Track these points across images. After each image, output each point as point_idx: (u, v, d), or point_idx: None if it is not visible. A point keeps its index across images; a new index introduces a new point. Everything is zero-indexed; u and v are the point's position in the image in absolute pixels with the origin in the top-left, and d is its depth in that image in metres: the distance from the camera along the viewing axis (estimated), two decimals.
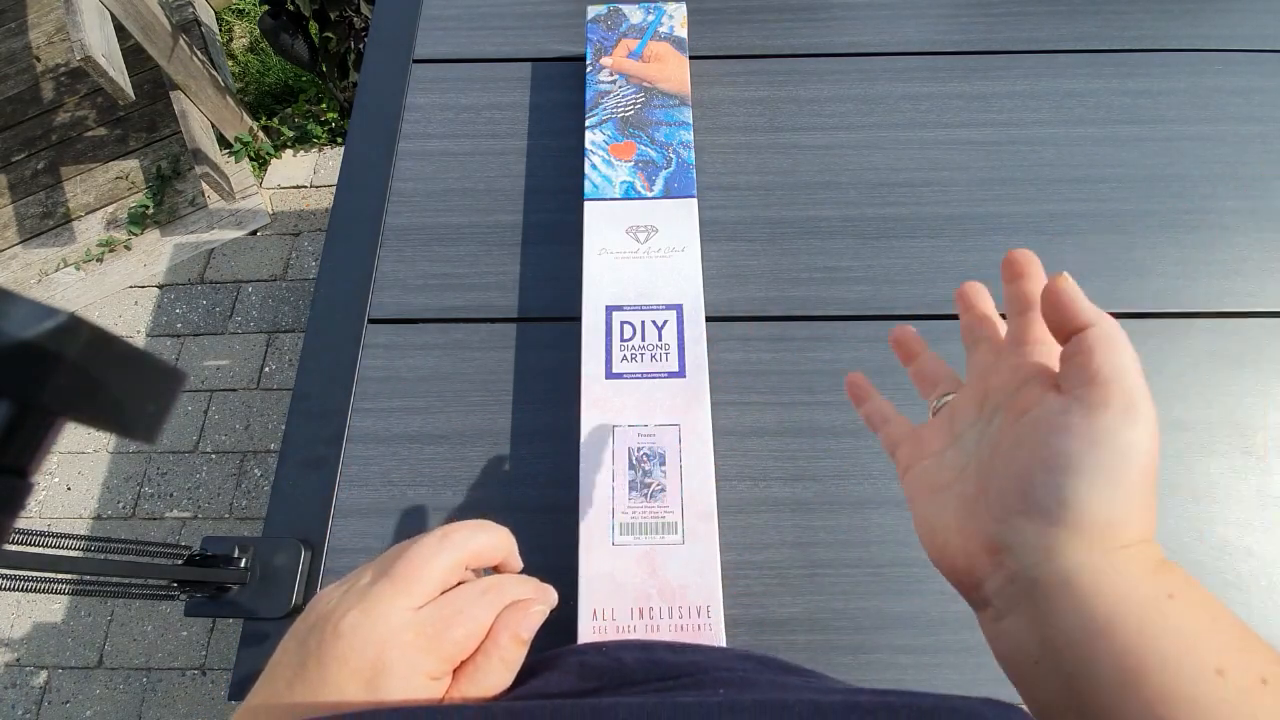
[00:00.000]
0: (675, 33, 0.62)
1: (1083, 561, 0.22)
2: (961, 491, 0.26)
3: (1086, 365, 0.23)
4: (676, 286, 0.52)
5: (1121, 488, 0.22)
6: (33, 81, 1.96)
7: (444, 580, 0.27)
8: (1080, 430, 0.22)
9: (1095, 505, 0.22)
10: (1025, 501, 0.22)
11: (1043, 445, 0.23)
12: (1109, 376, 0.23)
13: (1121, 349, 0.24)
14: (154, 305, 1.63)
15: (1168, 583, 0.22)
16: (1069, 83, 0.64)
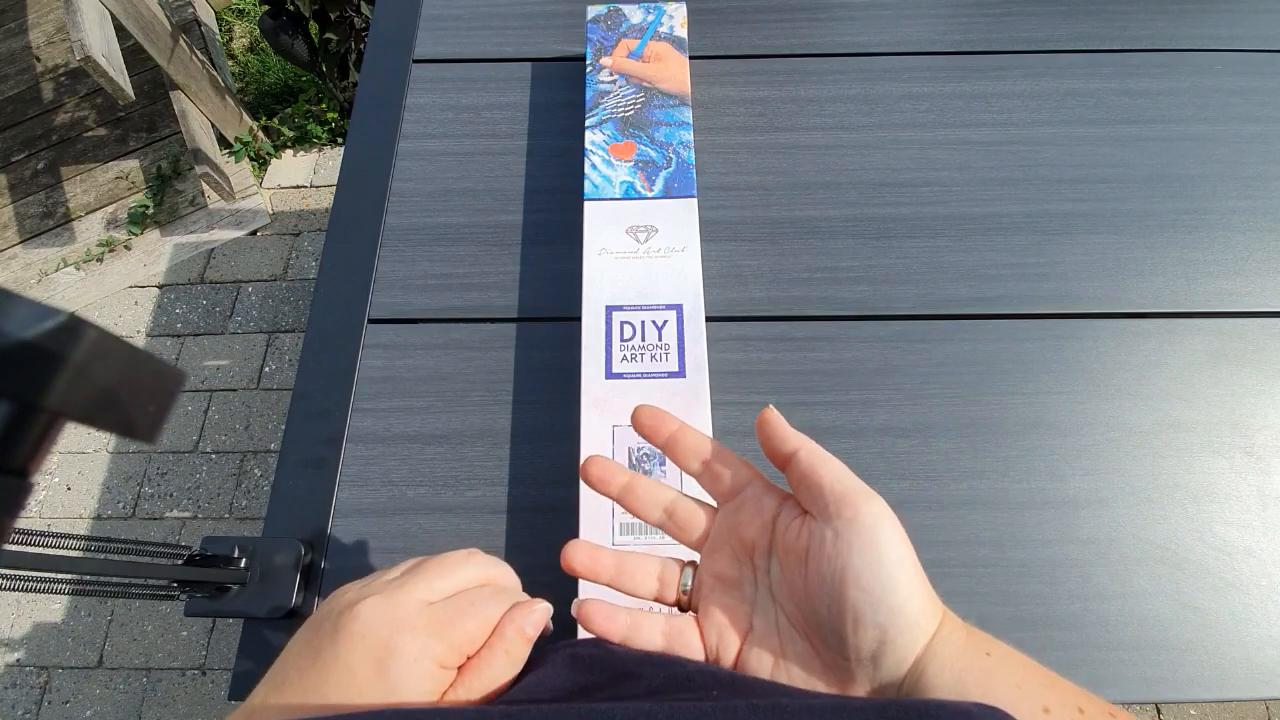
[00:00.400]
0: (675, 33, 0.62)
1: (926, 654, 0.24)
2: (797, 652, 0.26)
3: (821, 486, 0.26)
4: (676, 286, 0.52)
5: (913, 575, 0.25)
6: (33, 81, 1.96)
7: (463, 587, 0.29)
8: (862, 543, 0.24)
9: (911, 598, 0.24)
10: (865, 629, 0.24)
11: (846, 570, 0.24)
12: (842, 489, 0.25)
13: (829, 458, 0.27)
14: (154, 305, 1.63)
15: (981, 643, 0.25)
16: (1069, 83, 0.64)
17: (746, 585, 0.28)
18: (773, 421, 0.28)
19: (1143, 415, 0.52)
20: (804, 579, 0.26)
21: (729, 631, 0.28)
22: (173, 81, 1.61)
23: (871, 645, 0.24)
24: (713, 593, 0.28)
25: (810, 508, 0.26)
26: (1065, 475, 0.50)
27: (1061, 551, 0.48)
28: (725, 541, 0.29)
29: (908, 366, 0.53)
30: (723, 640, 0.28)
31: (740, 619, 0.28)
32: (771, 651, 0.27)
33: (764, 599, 0.28)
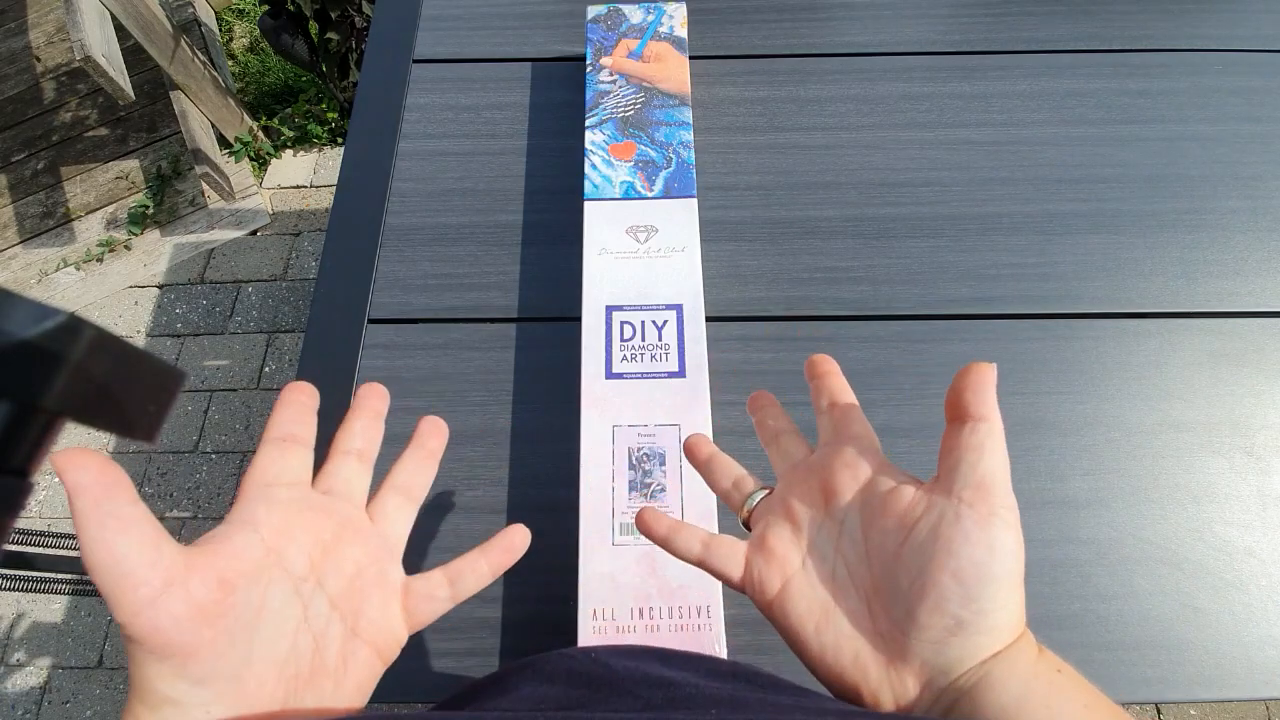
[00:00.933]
0: (675, 33, 0.62)
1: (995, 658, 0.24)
2: (850, 610, 0.26)
3: (976, 467, 0.24)
4: (676, 286, 0.52)
5: (1017, 589, 0.24)
6: (33, 81, 1.96)
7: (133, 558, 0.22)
8: (980, 539, 0.23)
9: (1005, 610, 0.24)
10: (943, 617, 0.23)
11: (950, 557, 0.23)
12: (994, 482, 0.24)
13: (1002, 450, 0.25)
14: (154, 305, 1.63)
15: (1051, 660, 0.24)
16: (1069, 83, 0.64)
17: (811, 529, 0.28)
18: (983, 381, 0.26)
19: (1143, 415, 0.52)
20: (898, 545, 0.25)
21: (777, 566, 0.27)
22: (173, 81, 1.61)
23: (941, 632, 0.23)
24: (775, 524, 0.28)
25: (946, 479, 0.25)
26: (1065, 475, 0.50)
27: (1061, 551, 0.48)
28: (808, 481, 0.28)
29: (908, 366, 0.53)
30: (767, 572, 0.27)
31: (793, 558, 0.27)
32: (818, 601, 0.26)
33: (826, 547, 0.27)
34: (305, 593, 0.25)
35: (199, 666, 0.21)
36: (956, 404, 0.26)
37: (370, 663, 0.26)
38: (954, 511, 0.24)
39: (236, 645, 0.22)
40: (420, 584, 0.28)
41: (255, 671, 0.23)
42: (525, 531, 0.30)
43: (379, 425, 0.33)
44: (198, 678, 0.21)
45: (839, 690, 0.26)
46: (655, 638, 0.41)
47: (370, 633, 0.26)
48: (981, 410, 0.25)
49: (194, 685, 0.21)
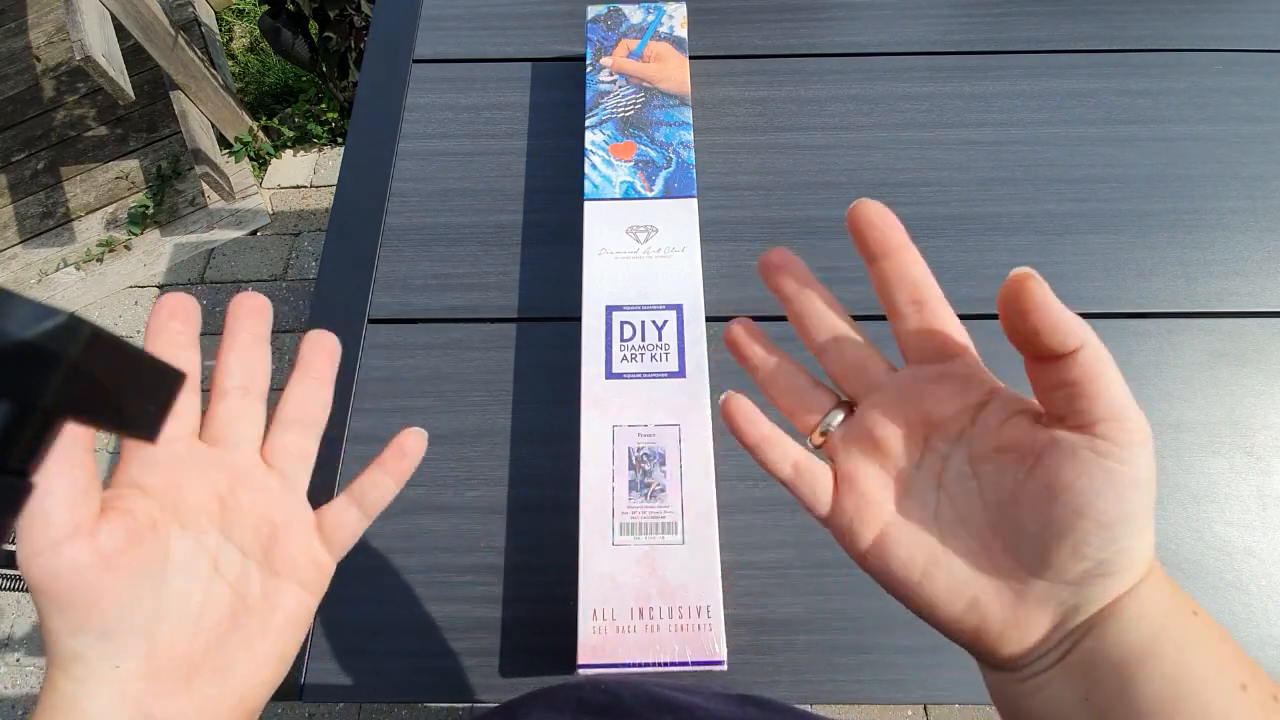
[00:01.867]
0: (675, 33, 0.62)
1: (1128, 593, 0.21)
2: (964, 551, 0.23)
3: (1099, 398, 0.20)
4: (676, 286, 0.52)
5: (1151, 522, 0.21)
6: (33, 81, 1.96)
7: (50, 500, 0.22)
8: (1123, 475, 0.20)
9: (1143, 547, 0.21)
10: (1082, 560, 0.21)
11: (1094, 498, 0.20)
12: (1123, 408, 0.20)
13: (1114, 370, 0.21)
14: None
15: (1187, 601, 0.22)
16: (1069, 83, 0.64)
17: (906, 462, 0.24)
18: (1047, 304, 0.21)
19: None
20: (1017, 484, 0.22)
21: (871, 512, 0.24)
22: (173, 81, 1.61)
23: (1079, 575, 0.21)
24: (863, 462, 0.25)
25: (1068, 414, 0.21)
26: None
27: None
28: (901, 408, 0.24)
29: None
30: (861, 514, 0.24)
31: (888, 497, 0.24)
32: (922, 547, 0.23)
33: (925, 484, 0.24)
34: (211, 545, 0.24)
35: (101, 618, 0.21)
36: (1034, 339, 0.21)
37: (298, 596, 0.26)
38: (1092, 448, 0.21)
39: (142, 599, 0.22)
40: (329, 513, 0.27)
41: (167, 628, 0.22)
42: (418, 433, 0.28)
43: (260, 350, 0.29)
44: (101, 630, 0.21)
45: (955, 635, 0.23)
46: (655, 638, 0.41)
47: (290, 569, 0.26)
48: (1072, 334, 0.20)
49: (98, 639, 0.21)
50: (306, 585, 0.26)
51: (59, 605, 0.21)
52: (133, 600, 0.22)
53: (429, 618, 0.47)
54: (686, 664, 0.41)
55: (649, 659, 0.41)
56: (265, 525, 0.26)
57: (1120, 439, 0.20)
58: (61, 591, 0.20)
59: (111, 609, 0.21)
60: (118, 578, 0.21)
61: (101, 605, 0.21)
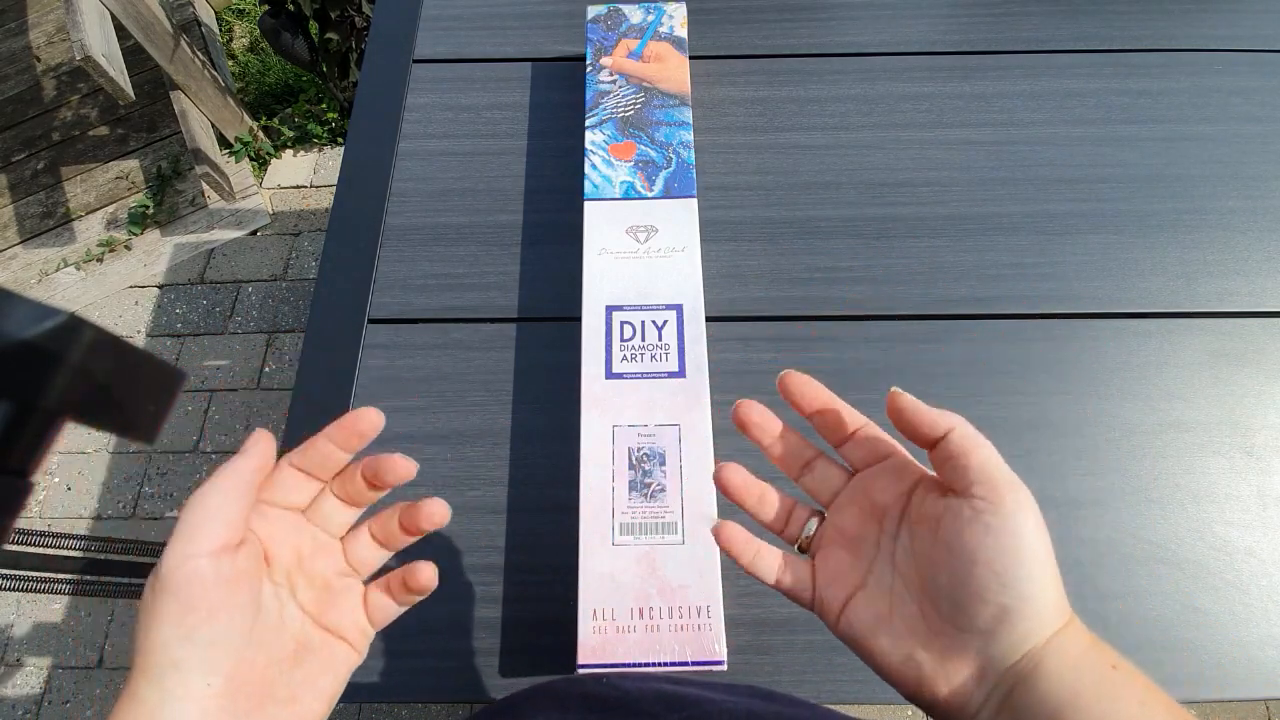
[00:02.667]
0: (675, 33, 0.62)
1: (1045, 646, 0.24)
2: (905, 614, 0.27)
3: (969, 468, 0.26)
4: (676, 286, 0.52)
5: (1049, 570, 0.25)
6: (33, 81, 1.96)
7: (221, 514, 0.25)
8: (1000, 528, 0.24)
9: (1044, 590, 0.25)
10: (987, 606, 0.24)
11: (980, 549, 0.24)
12: (991, 474, 0.25)
13: (982, 442, 0.26)
14: (154, 305, 1.63)
15: (1107, 654, 0.25)
16: (1069, 83, 0.64)
17: (868, 545, 0.29)
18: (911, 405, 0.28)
19: (1143, 415, 0.52)
20: (931, 547, 0.26)
21: (839, 583, 0.29)
22: (173, 81, 1.61)
23: (989, 620, 0.24)
24: (833, 545, 0.30)
25: (953, 485, 0.26)
26: (1065, 475, 0.50)
27: (1061, 551, 0.48)
28: (856, 501, 0.30)
29: (908, 366, 0.53)
30: (831, 590, 0.29)
31: (853, 574, 0.29)
32: (877, 611, 0.27)
33: (883, 562, 0.28)
34: (282, 597, 0.28)
35: (212, 629, 0.23)
36: (915, 434, 0.27)
37: (345, 654, 0.29)
38: (970, 508, 0.25)
39: (246, 621, 0.25)
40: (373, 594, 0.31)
41: (249, 654, 0.25)
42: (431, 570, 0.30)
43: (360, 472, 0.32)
44: (209, 639, 0.23)
45: (901, 686, 0.27)
46: (655, 638, 0.41)
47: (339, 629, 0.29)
48: (938, 424, 0.27)
49: (203, 649, 0.23)
50: (352, 645, 0.29)
51: (187, 608, 0.23)
52: (241, 619, 0.25)
53: (429, 618, 0.47)
54: (686, 664, 0.41)
55: (649, 659, 0.41)
56: (326, 592, 0.29)
57: (992, 499, 0.25)
58: (196, 595, 0.23)
59: (223, 622, 0.24)
60: (237, 596, 0.24)
61: (218, 617, 0.24)
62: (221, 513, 0.25)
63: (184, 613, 0.23)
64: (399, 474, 0.30)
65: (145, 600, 0.24)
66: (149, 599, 0.24)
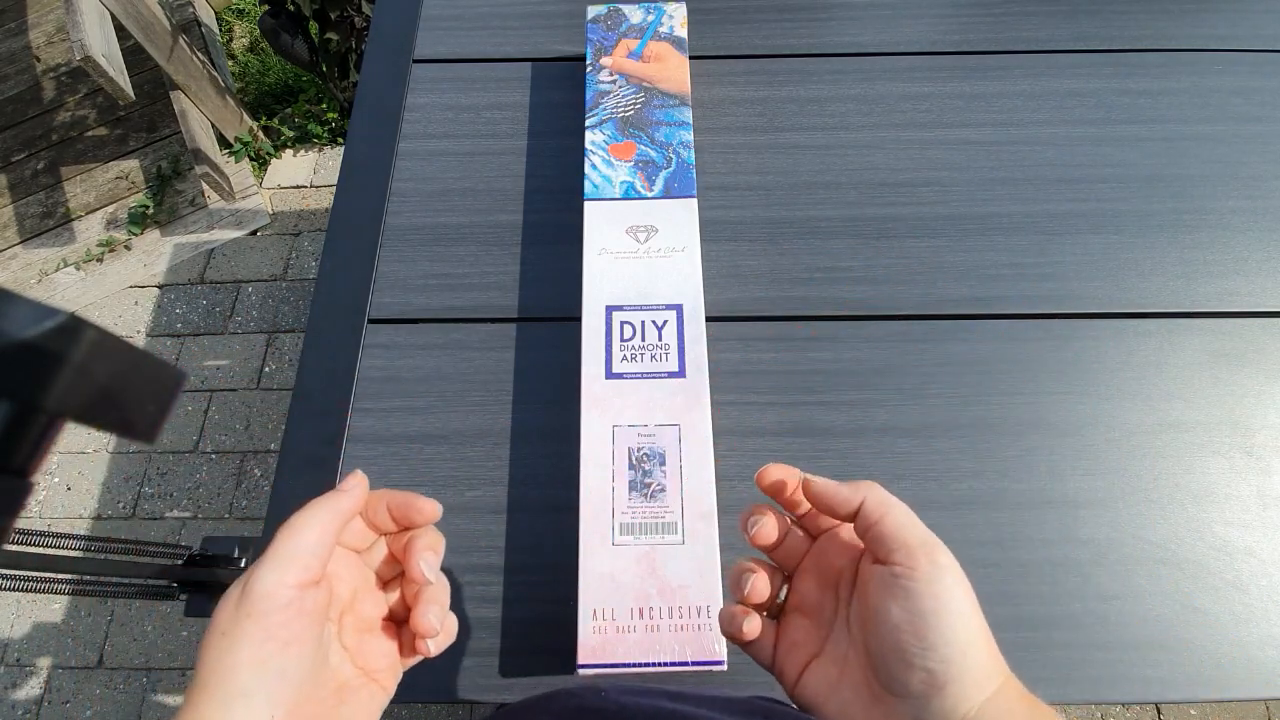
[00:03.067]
0: (675, 33, 0.62)
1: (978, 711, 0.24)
2: (853, 682, 0.27)
3: (882, 536, 0.26)
4: (676, 286, 0.52)
5: (972, 629, 0.25)
6: (33, 81, 1.96)
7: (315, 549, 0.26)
8: (919, 592, 0.25)
9: (970, 651, 0.24)
10: (914, 671, 0.24)
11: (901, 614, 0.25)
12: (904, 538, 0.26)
13: (892, 506, 0.27)
14: (154, 305, 1.63)
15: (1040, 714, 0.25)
16: (1069, 83, 0.64)
17: (826, 611, 0.29)
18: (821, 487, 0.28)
19: (1143, 415, 0.52)
20: (864, 615, 0.27)
21: (797, 650, 0.29)
22: (173, 81, 1.61)
23: (919, 686, 0.25)
24: (795, 612, 0.30)
25: (875, 553, 0.27)
26: (1065, 475, 0.50)
27: (1061, 551, 0.48)
28: (816, 568, 0.30)
29: (908, 366, 0.53)
30: (789, 657, 0.29)
31: (811, 642, 0.29)
32: (829, 678, 0.28)
33: (839, 629, 0.29)
34: (330, 633, 0.28)
35: (284, 660, 0.24)
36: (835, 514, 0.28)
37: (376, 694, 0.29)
38: (890, 574, 0.26)
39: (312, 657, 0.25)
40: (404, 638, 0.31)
41: (308, 689, 0.25)
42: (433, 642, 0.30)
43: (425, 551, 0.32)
44: (279, 671, 0.24)
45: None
46: (655, 638, 0.41)
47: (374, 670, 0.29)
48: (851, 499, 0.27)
49: (273, 679, 0.23)
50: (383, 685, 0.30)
51: (267, 635, 0.23)
52: (310, 654, 0.25)
53: None
54: (686, 664, 0.41)
55: (649, 659, 0.41)
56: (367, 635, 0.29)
57: (907, 563, 0.25)
58: (277, 624, 0.24)
59: (294, 655, 0.24)
60: (311, 631, 0.25)
61: (291, 649, 0.24)
62: (315, 547, 0.25)
63: (264, 639, 0.23)
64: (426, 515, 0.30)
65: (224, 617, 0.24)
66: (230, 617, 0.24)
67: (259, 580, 0.24)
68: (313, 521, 0.26)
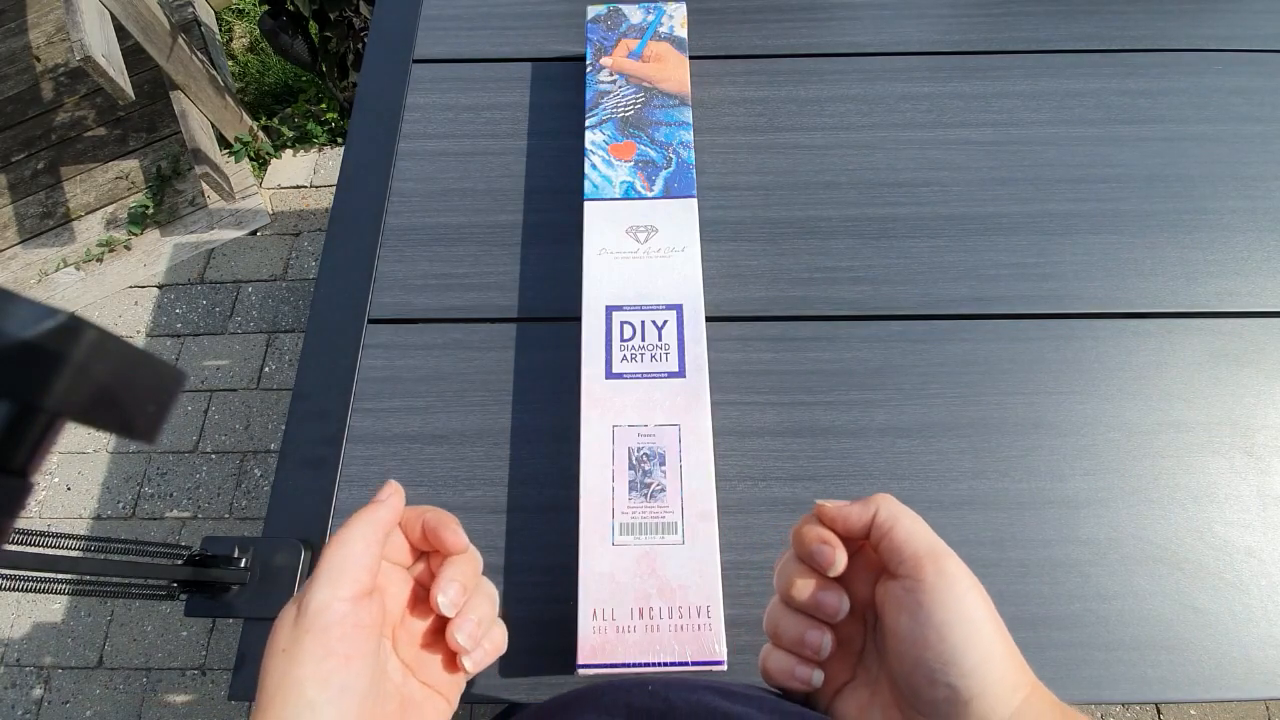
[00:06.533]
0: (675, 33, 0.62)
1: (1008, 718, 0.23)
2: (882, 704, 0.27)
3: (892, 548, 0.26)
4: (676, 286, 0.52)
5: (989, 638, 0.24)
6: (33, 81, 1.96)
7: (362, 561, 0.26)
8: (931, 604, 0.24)
9: (987, 663, 0.24)
10: (937, 688, 0.24)
11: (912, 631, 0.24)
12: (913, 549, 0.25)
13: (901, 516, 0.26)
14: (154, 305, 1.63)
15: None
16: (1069, 83, 0.64)
17: (856, 640, 0.29)
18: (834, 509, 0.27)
19: (1143, 415, 0.52)
20: (884, 635, 0.26)
21: (829, 681, 0.29)
22: (173, 81, 1.61)
23: (942, 703, 0.24)
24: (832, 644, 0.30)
25: (888, 568, 0.26)
26: (1065, 475, 0.50)
27: (1061, 551, 0.48)
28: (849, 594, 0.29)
29: (908, 366, 0.53)
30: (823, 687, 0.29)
31: (843, 670, 0.29)
32: (859, 701, 0.28)
33: (870, 653, 0.28)
34: (387, 651, 0.28)
35: (347, 675, 0.24)
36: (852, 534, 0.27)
37: (441, 707, 0.29)
38: (902, 588, 0.25)
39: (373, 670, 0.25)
40: None
41: (371, 704, 0.25)
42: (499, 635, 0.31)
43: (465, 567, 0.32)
44: (342, 685, 0.23)
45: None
46: (655, 638, 0.41)
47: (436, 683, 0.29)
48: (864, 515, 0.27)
49: (337, 693, 0.23)
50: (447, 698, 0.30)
51: (328, 650, 0.23)
52: (371, 667, 0.25)
53: None
54: (686, 664, 0.41)
55: (649, 659, 0.41)
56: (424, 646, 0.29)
57: (921, 577, 0.24)
58: (336, 638, 0.24)
59: (356, 668, 0.24)
60: (369, 644, 0.25)
61: (353, 663, 0.24)
62: (363, 559, 0.25)
63: (325, 655, 0.23)
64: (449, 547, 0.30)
65: (283, 635, 0.24)
66: (289, 635, 0.24)
67: (314, 597, 0.24)
68: (355, 535, 0.26)
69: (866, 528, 0.27)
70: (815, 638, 0.28)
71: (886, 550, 0.26)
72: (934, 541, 0.26)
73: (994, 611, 0.25)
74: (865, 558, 0.29)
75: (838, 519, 0.27)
